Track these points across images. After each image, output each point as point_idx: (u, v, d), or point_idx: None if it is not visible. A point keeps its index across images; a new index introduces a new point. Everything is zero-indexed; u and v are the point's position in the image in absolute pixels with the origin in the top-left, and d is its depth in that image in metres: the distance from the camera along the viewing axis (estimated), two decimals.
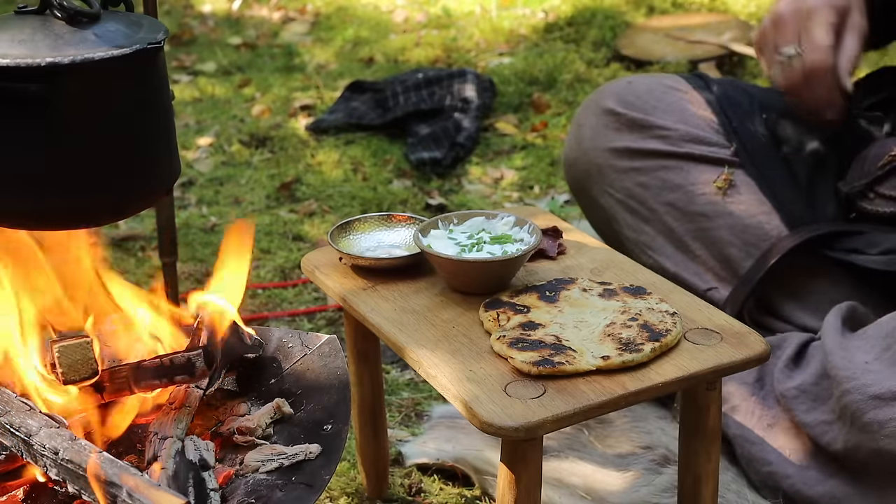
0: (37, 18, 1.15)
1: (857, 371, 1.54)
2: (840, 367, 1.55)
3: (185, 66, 3.97)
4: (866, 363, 1.54)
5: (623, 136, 1.92)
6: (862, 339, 1.59)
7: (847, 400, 1.52)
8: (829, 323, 1.65)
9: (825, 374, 1.60)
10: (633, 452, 1.76)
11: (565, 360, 1.25)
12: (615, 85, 2.01)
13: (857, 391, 1.51)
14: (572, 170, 2.02)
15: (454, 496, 1.72)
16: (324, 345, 1.40)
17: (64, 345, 1.23)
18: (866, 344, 1.57)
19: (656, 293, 1.41)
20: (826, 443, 1.58)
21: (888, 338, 1.55)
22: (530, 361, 1.25)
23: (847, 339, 1.60)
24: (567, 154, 2.04)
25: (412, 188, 2.85)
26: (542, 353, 1.26)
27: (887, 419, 1.48)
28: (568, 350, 1.27)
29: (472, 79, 3.31)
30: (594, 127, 1.96)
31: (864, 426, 1.50)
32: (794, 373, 1.66)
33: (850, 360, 1.55)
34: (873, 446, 1.50)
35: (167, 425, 1.25)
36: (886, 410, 1.48)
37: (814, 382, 1.62)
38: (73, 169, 1.16)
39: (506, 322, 1.34)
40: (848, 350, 1.57)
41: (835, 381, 1.55)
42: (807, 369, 1.65)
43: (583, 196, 2.02)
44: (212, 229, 2.68)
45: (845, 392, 1.53)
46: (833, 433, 1.57)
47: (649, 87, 1.96)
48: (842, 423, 1.55)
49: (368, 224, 1.57)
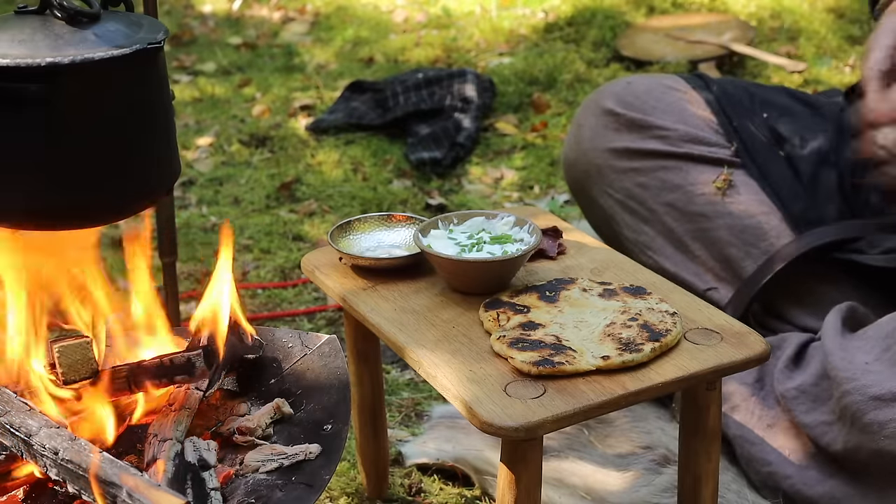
0: (37, 18, 1.15)
1: (857, 372, 1.53)
2: (840, 368, 1.55)
3: (185, 66, 3.97)
4: (866, 364, 1.54)
5: (622, 137, 1.92)
6: (862, 339, 1.59)
7: (847, 401, 1.52)
8: (829, 323, 1.65)
9: (825, 375, 1.60)
10: (633, 452, 1.76)
11: (565, 360, 1.25)
12: (614, 85, 2.01)
13: (858, 392, 1.51)
14: (572, 170, 2.02)
15: (454, 496, 1.72)
16: (324, 345, 1.40)
17: (64, 345, 1.23)
18: (866, 344, 1.57)
19: (656, 293, 1.41)
20: (826, 443, 1.58)
21: (888, 338, 1.54)
22: (530, 361, 1.25)
23: (847, 340, 1.60)
24: (566, 154, 2.04)
25: (412, 188, 2.85)
26: (542, 353, 1.26)
27: (887, 420, 1.48)
28: (568, 350, 1.27)
29: (472, 79, 3.31)
30: (593, 127, 1.96)
31: (865, 427, 1.50)
32: (794, 373, 1.66)
33: (851, 361, 1.55)
34: (873, 447, 1.50)
35: (167, 427, 1.25)
36: (887, 411, 1.48)
37: (814, 383, 1.62)
38: (73, 169, 1.16)
39: (506, 322, 1.34)
40: (848, 351, 1.57)
41: (835, 382, 1.55)
42: (807, 370, 1.65)
43: (582, 196, 2.02)
44: (212, 229, 2.68)
45: (845, 393, 1.53)
46: (833, 434, 1.57)
47: (648, 87, 1.96)
48: (842, 423, 1.55)
49: (368, 224, 1.57)
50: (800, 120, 1.86)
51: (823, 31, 3.78)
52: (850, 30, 3.80)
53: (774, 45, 3.73)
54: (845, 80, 3.41)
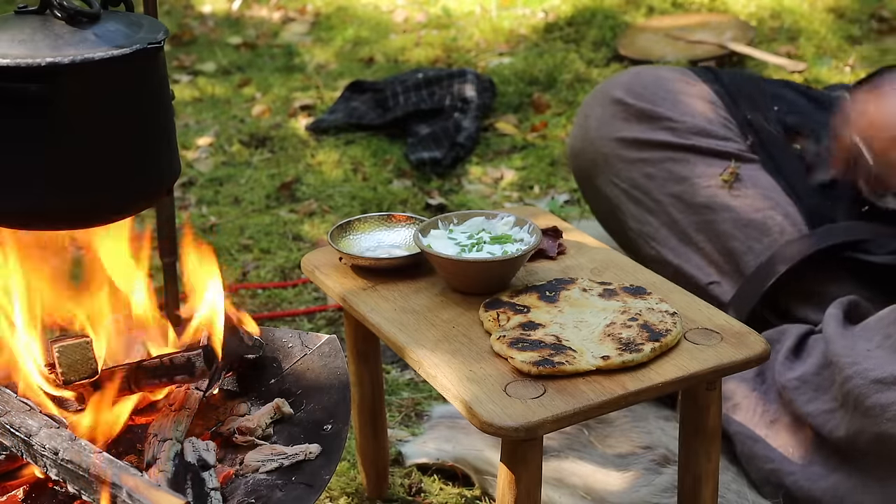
0: (37, 18, 1.15)
1: (858, 357, 1.54)
2: (842, 354, 1.56)
3: (185, 66, 3.97)
4: (868, 350, 1.55)
5: (631, 127, 1.92)
6: (863, 329, 1.60)
7: (850, 385, 1.53)
8: (831, 315, 1.65)
9: (826, 364, 1.60)
10: (633, 452, 1.76)
11: (565, 360, 1.25)
12: (623, 75, 2.01)
13: (860, 376, 1.52)
14: (578, 160, 2.01)
15: (454, 496, 1.72)
16: (324, 345, 1.40)
17: (64, 345, 1.23)
18: (868, 333, 1.58)
19: (656, 293, 1.41)
20: (828, 431, 1.58)
21: (889, 327, 1.55)
22: (530, 361, 1.24)
23: (848, 330, 1.61)
24: (572, 144, 2.02)
25: (412, 188, 2.85)
26: (542, 353, 1.26)
27: (889, 403, 1.48)
28: (568, 350, 1.27)
29: (472, 79, 3.31)
30: (601, 117, 1.95)
31: (867, 410, 1.51)
32: (795, 364, 1.66)
33: (852, 348, 1.56)
34: (875, 430, 1.50)
35: (166, 427, 1.25)
36: (889, 394, 1.49)
37: (815, 373, 1.62)
38: (73, 169, 1.16)
39: (506, 322, 1.34)
40: (849, 339, 1.58)
41: (837, 368, 1.56)
42: (808, 360, 1.65)
43: (588, 186, 2.01)
44: (211, 229, 2.68)
45: (847, 378, 1.53)
46: (835, 421, 1.57)
47: (657, 78, 1.96)
48: (844, 410, 1.55)
49: (368, 224, 1.57)
50: (808, 115, 1.87)
51: (823, 31, 3.79)
52: (850, 30, 3.80)
53: (774, 45, 3.73)
54: (845, 80, 3.41)
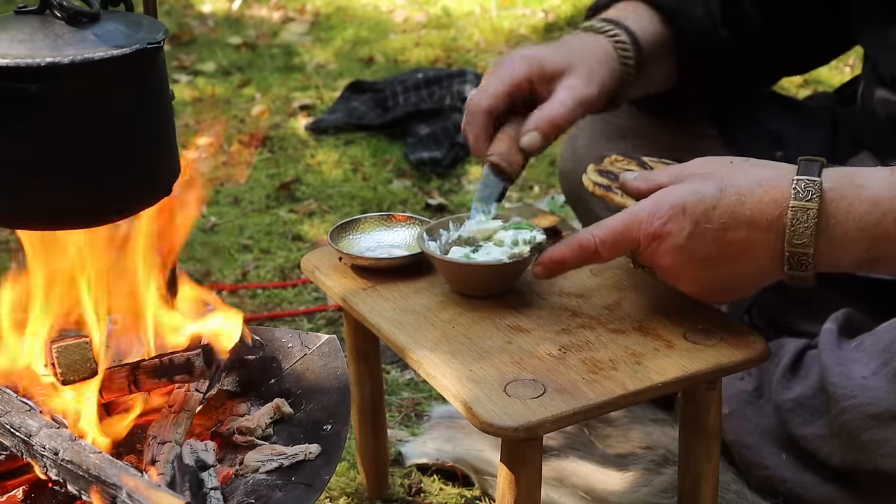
0: (36, 18, 1.15)
1: (854, 389, 1.52)
2: (837, 385, 1.54)
3: (185, 66, 3.97)
4: (864, 378, 1.52)
5: (618, 146, 1.90)
6: (859, 350, 1.57)
7: (844, 418, 1.51)
8: (826, 334, 1.63)
9: (822, 388, 1.59)
10: (633, 452, 1.76)
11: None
12: None
13: (855, 410, 1.50)
14: (568, 180, 1.98)
15: (454, 496, 1.72)
16: (324, 345, 1.40)
17: (63, 345, 1.23)
18: (864, 356, 1.55)
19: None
20: (824, 456, 1.57)
21: (885, 352, 1.53)
22: (596, 182, 1.40)
23: (844, 351, 1.58)
24: (563, 166, 2.00)
25: (412, 188, 2.85)
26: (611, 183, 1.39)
27: (885, 440, 1.47)
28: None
29: (472, 79, 3.31)
30: (589, 136, 1.94)
31: (862, 445, 1.49)
32: (793, 382, 1.65)
33: (848, 377, 1.53)
34: (871, 465, 1.49)
35: (166, 429, 1.25)
36: (884, 431, 1.47)
37: (811, 395, 1.60)
38: (73, 169, 1.16)
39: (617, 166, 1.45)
40: (845, 365, 1.55)
41: (832, 399, 1.54)
42: (805, 380, 1.63)
43: (579, 206, 2.00)
44: (211, 229, 2.68)
45: (842, 410, 1.52)
46: (830, 448, 1.56)
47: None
48: (839, 439, 1.54)
49: (368, 224, 1.57)
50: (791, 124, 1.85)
51: None
52: None
53: None
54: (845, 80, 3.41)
